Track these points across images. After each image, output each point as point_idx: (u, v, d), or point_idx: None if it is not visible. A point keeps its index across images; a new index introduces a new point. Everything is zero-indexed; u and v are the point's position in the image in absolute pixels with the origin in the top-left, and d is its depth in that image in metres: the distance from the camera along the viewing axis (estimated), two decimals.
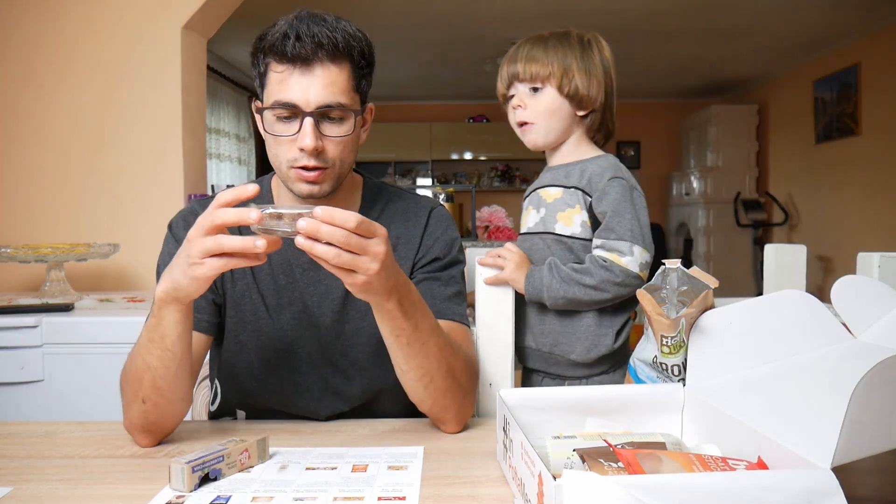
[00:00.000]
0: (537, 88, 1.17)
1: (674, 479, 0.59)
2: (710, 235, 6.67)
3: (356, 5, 4.24)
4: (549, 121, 1.17)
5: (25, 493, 0.78)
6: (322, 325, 1.09)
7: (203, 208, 1.12)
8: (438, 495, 0.76)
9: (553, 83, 1.15)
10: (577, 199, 1.16)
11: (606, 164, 1.17)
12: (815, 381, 0.75)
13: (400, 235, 1.13)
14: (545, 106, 1.16)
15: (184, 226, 1.10)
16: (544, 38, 1.19)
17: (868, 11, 4.49)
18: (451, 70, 6.18)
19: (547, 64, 1.15)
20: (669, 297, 0.87)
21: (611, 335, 1.17)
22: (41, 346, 1.78)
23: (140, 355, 0.92)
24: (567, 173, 1.19)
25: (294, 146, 0.98)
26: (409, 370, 0.96)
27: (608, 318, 1.17)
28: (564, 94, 1.16)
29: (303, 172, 0.99)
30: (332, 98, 0.97)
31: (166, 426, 0.96)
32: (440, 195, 3.64)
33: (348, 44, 0.97)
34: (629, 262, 1.09)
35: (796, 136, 5.97)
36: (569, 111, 1.17)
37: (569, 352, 1.17)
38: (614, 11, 4.41)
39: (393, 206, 1.16)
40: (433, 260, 1.12)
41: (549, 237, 1.19)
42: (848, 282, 0.83)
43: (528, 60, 1.17)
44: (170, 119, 2.40)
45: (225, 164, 5.68)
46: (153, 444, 0.95)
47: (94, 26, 2.38)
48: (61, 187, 2.40)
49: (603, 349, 1.16)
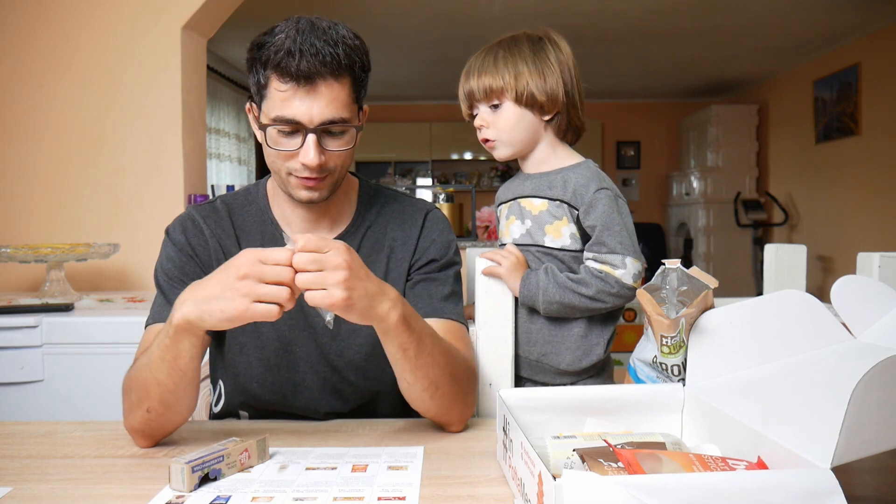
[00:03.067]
0: (496, 105, 1.15)
1: (674, 479, 0.59)
2: (710, 235, 6.67)
3: (356, 5, 4.24)
4: (513, 134, 1.16)
5: (25, 493, 0.78)
6: (318, 325, 1.09)
7: (200, 214, 1.12)
8: (438, 495, 0.76)
9: (509, 96, 1.13)
10: (564, 212, 1.15)
11: (589, 175, 1.15)
12: (815, 381, 0.75)
13: (396, 238, 1.14)
14: (506, 121, 1.15)
15: (181, 230, 1.11)
16: (494, 49, 1.17)
17: (868, 11, 4.49)
18: (451, 70, 6.16)
19: (498, 76, 1.13)
20: (669, 297, 0.87)
21: (602, 345, 1.17)
22: (41, 346, 1.78)
23: (150, 370, 0.91)
24: (550, 183, 1.17)
25: (296, 159, 0.99)
26: (415, 381, 0.95)
27: (598, 328, 1.17)
28: (523, 104, 1.14)
29: (304, 180, 1.00)
30: (334, 114, 0.97)
31: (168, 431, 0.97)
32: (440, 195, 3.63)
33: (350, 58, 0.97)
34: (622, 274, 1.10)
35: (796, 136, 5.97)
36: (532, 119, 1.15)
37: (558, 361, 1.17)
38: (614, 12, 4.41)
39: (389, 209, 1.16)
40: (430, 261, 1.12)
41: (536, 249, 1.18)
42: (848, 282, 0.83)
43: (481, 75, 1.15)
44: (170, 119, 2.40)
45: (225, 164, 5.69)
46: (152, 446, 0.95)
47: (94, 26, 2.38)
48: (61, 187, 2.40)
49: (594, 358, 1.16)
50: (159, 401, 0.91)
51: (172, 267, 1.08)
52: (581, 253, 1.15)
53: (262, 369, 1.10)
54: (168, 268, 1.09)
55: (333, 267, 0.82)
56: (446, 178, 7.97)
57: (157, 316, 1.06)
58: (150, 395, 0.91)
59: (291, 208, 1.11)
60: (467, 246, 2.10)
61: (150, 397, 0.91)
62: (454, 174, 8.00)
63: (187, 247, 1.09)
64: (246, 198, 1.15)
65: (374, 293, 0.86)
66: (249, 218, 1.13)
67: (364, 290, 0.84)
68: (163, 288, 1.08)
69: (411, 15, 4.49)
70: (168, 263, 1.09)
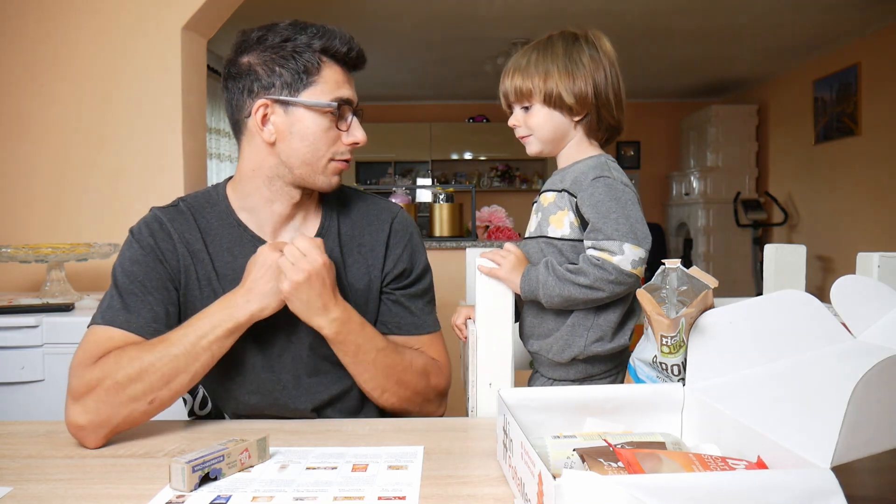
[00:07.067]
0: (527, 107, 1.18)
1: (674, 479, 0.59)
2: (709, 235, 6.67)
3: (357, 5, 4.24)
4: (543, 132, 1.19)
5: (25, 493, 0.78)
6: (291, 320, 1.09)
7: (166, 216, 1.12)
8: (438, 495, 0.77)
9: (538, 99, 1.16)
10: (566, 202, 1.16)
11: (593, 164, 1.16)
12: (815, 381, 0.75)
13: (364, 243, 1.17)
14: (536, 121, 1.18)
15: (148, 233, 1.10)
16: (529, 51, 1.20)
17: (868, 11, 4.49)
18: (451, 70, 6.18)
19: (528, 79, 1.16)
20: (669, 297, 0.87)
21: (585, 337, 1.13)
22: (41, 346, 1.78)
23: (183, 360, 0.98)
24: (562, 177, 1.19)
25: (339, 142, 1.09)
26: (360, 382, 1.10)
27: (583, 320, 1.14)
28: (552, 106, 1.16)
29: (341, 163, 1.10)
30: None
31: (139, 423, 1.00)
32: (440, 195, 3.63)
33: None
34: (620, 260, 1.07)
35: (796, 136, 5.97)
36: (561, 119, 1.17)
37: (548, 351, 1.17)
38: (614, 12, 4.41)
39: (354, 208, 1.20)
40: (402, 273, 1.18)
41: (542, 240, 1.19)
42: (848, 282, 0.83)
43: (514, 77, 1.18)
44: (170, 119, 2.40)
45: (225, 164, 5.68)
46: (103, 445, 0.95)
47: (95, 27, 2.38)
48: (61, 187, 2.40)
49: (575, 350, 1.14)
50: (177, 389, 0.99)
51: (138, 270, 1.06)
52: (581, 242, 1.15)
53: (237, 368, 1.11)
54: (132, 270, 1.06)
55: (298, 268, 0.99)
56: (446, 178, 7.97)
57: (108, 317, 1.03)
58: (170, 385, 0.98)
59: (268, 207, 1.12)
60: (467, 246, 2.10)
61: (168, 386, 0.98)
62: (454, 174, 8.00)
63: (156, 250, 1.08)
64: (207, 200, 1.15)
65: (315, 306, 1.02)
66: (213, 220, 1.13)
67: (305, 299, 1.01)
68: (121, 289, 1.05)
69: (411, 15, 4.49)
70: (132, 266, 1.07)
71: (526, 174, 7.83)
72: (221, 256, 1.11)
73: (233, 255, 1.11)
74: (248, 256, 1.06)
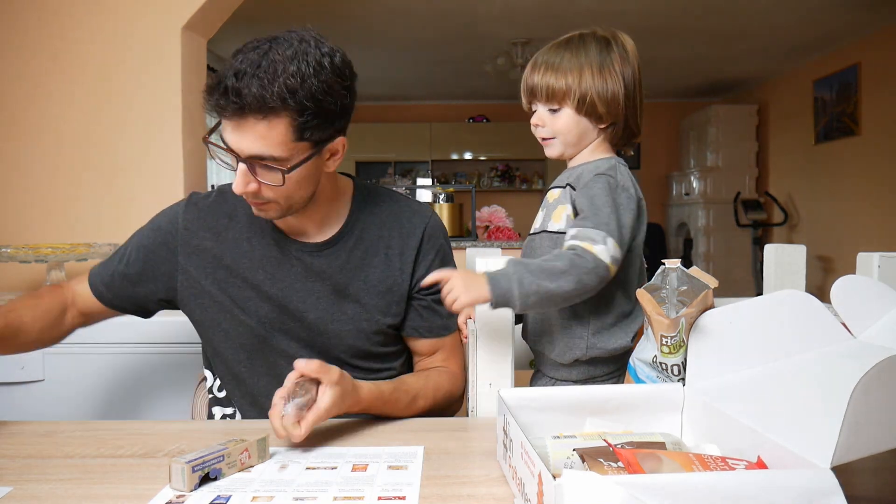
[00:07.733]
0: (555, 109, 1.15)
1: (674, 479, 0.59)
2: (709, 235, 6.67)
3: (357, 5, 4.24)
4: (568, 136, 1.16)
5: (25, 493, 0.78)
6: (298, 327, 1.14)
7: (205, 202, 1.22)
8: (438, 495, 0.77)
9: (570, 103, 1.13)
10: (567, 196, 1.15)
11: (598, 164, 1.14)
12: (815, 381, 0.75)
13: (393, 245, 1.17)
14: (563, 125, 1.15)
15: (183, 219, 1.21)
16: (561, 48, 1.15)
17: (868, 11, 4.49)
18: (451, 70, 6.18)
19: (562, 79, 1.12)
20: (669, 297, 0.87)
21: (586, 338, 1.12)
22: None
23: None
24: (570, 174, 1.18)
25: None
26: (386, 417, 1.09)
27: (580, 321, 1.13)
28: (583, 113, 1.13)
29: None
30: (264, 150, 0.98)
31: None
32: (440, 195, 3.64)
33: (283, 98, 0.95)
34: (601, 251, 1.02)
35: (796, 136, 5.97)
36: (587, 125, 1.15)
37: (551, 351, 1.17)
38: (614, 12, 4.41)
39: (386, 209, 1.19)
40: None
41: (544, 235, 1.18)
42: (848, 282, 0.83)
43: (545, 73, 1.13)
44: (170, 119, 2.40)
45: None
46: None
47: (94, 27, 2.38)
48: (61, 187, 2.40)
49: (577, 353, 1.13)
50: None
51: (149, 242, 1.21)
52: None
53: (246, 355, 1.15)
54: (144, 242, 1.21)
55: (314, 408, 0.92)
56: (446, 178, 7.97)
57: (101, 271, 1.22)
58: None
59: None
60: (467, 246, 2.10)
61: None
62: (454, 174, 8.00)
63: (170, 237, 1.19)
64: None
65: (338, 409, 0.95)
66: (240, 209, 1.19)
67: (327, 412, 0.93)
68: (126, 245, 1.22)
69: (411, 15, 4.49)
70: (148, 236, 1.22)
71: (526, 174, 7.83)
72: (240, 245, 1.17)
73: (251, 245, 1.16)
74: (266, 245, 1.15)
